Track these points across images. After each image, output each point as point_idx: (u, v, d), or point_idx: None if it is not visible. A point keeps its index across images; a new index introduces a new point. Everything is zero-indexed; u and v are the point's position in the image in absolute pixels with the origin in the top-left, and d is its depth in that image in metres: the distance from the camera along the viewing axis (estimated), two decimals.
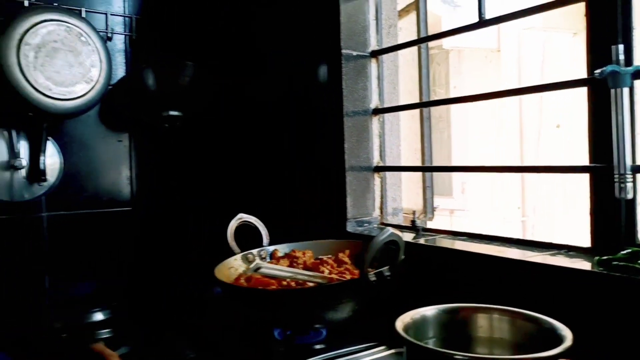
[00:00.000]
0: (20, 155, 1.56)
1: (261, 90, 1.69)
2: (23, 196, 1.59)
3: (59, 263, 1.65)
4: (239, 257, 1.21)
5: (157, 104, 1.70)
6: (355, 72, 1.32)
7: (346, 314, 1.00)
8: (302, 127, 1.49)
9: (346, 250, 1.20)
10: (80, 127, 1.69)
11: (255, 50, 1.70)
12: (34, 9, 1.49)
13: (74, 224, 1.68)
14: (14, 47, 1.42)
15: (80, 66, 1.53)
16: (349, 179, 1.31)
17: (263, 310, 0.98)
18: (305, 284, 1.04)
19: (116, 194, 1.76)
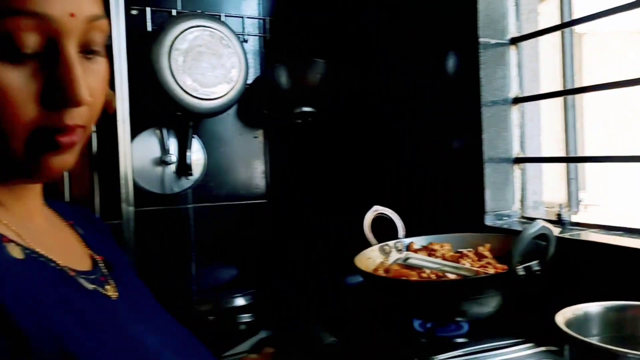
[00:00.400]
0: (170, 152, 1.71)
1: (391, 83, 1.69)
2: (172, 189, 1.74)
3: (204, 251, 1.79)
4: (376, 248, 1.23)
5: (290, 101, 1.77)
6: (494, 60, 1.28)
7: (491, 308, 0.98)
8: (434, 119, 1.47)
9: (486, 244, 1.17)
10: (220, 124, 1.81)
11: (382, 43, 1.71)
12: (182, 17, 1.61)
13: (215, 215, 1.81)
14: (166, 53, 1.56)
15: (222, 68, 1.64)
16: (488, 170, 1.28)
17: (405, 301, 0.99)
18: (445, 277, 1.04)
19: (252, 187, 1.87)
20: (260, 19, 1.84)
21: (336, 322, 1.22)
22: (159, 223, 1.73)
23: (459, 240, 1.23)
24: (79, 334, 0.49)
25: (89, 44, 0.54)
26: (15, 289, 0.46)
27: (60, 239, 0.65)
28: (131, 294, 0.65)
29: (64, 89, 0.50)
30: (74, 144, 0.53)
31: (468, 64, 1.31)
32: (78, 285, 0.56)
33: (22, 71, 0.49)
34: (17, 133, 0.50)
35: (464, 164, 1.34)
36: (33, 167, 0.53)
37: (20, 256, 0.51)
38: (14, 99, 0.49)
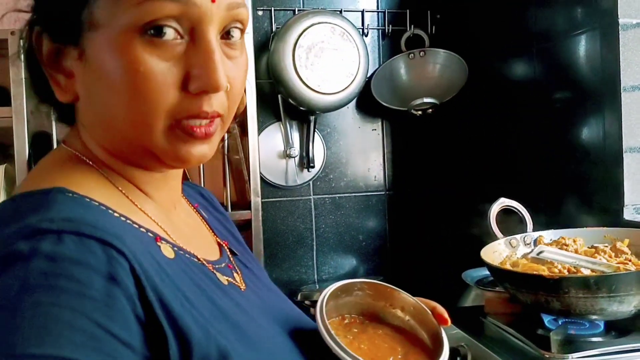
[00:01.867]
0: (293, 145, 1.79)
1: (514, 71, 1.63)
2: (295, 181, 1.82)
3: (324, 241, 1.84)
4: (502, 241, 1.20)
5: (409, 93, 1.77)
6: (635, 42, 1.18)
7: (632, 307, 0.92)
8: (566, 106, 1.39)
9: (625, 239, 1.09)
10: (340, 118, 1.86)
11: (507, 28, 1.65)
12: (304, 15, 1.67)
13: (335, 206, 1.86)
14: (290, 51, 1.62)
15: (342, 62, 1.67)
16: (627, 161, 1.19)
17: (538, 296, 0.95)
18: (579, 272, 0.99)
19: (371, 179, 1.89)
20: (380, 12, 1.85)
21: (460, 316, 1.21)
22: (283, 213, 1.82)
23: (593, 234, 1.16)
24: (227, 334, 0.49)
25: (229, 32, 0.53)
26: (173, 290, 0.47)
27: (195, 229, 0.66)
28: (254, 280, 0.66)
29: (203, 73, 0.50)
30: (210, 135, 0.53)
31: (606, 46, 1.23)
32: (217, 280, 0.57)
33: (165, 56, 0.49)
34: (159, 118, 0.50)
35: (599, 154, 1.26)
36: (171, 155, 0.52)
37: (172, 255, 0.52)
38: (158, 83, 0.49)
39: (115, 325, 0.41)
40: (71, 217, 0.45)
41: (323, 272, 1.85)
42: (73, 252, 0.42)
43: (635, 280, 0.89)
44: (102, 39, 0.50)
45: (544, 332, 1.00)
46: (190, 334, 0.44)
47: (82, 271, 0.41)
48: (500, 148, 1.71)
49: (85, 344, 0.39)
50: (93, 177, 0.54)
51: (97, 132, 0.55)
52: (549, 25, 1.44)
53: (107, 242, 0.44)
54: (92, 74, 0.51)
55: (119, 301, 0.42)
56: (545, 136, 1.48)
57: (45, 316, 0.39)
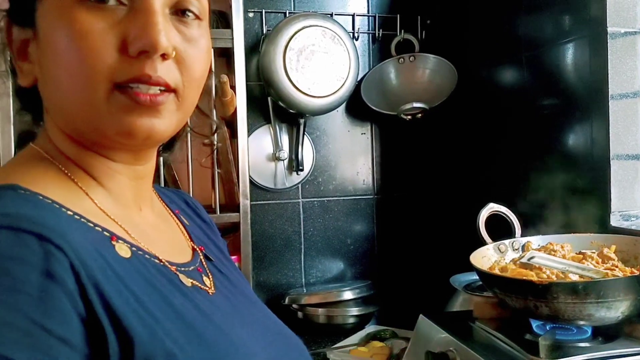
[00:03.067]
0: (282, 148, 1.78)
1: (504, 77, 1.64)
2: (284, 184, 1.81)
3: (312, 244, 1.84)
4: (491, 247, 1.20)
5: (399, 97, 1.77)
6: (623, 51, 1.20)
7: (619, 313, 0.93)
8: (554, 113, 1.41)
9: (612, 245, 1.11)
10: (329, 121, 1.85)
11: (497, 35, 1.66)
12: (295, 18, 1.67)
13: (323, 209, 1.85)
14: (281, 53, 1.62)
15: (332, 65, 1.68)
16: (614, 168, 1.20)
17: (527, 302, 0.96)
18: (567, 278, 1.00)
19: (360, 183, 1.89)
20: (370, 16, 1.85)
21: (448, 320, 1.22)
22: (271, 216, 1.81)
23: (580, 240, 1.18)
24: (178, 335, 0.48)
25: (179, 5, 0.53)
26: (122, 291, 0.46)
27: (165, 231, 0.65)
28: (227, 285, 0.65)
29: (140, 33, 0.49)
30: (157, 104, 0.51)
31: (594, 54, 1.24)
32: (178, 281, 0.56)
33: (104, 19, 0.49)
34: (98, 81, 0.49)
35: (587, 161, 1.28)
36: (115, 126, 0.51)
37: (127, 255, 0.51)
38: (95, 42, 0.48)
39: (52, 321, 0.40)
40: (10, 212, 0.44)
41: (311, 276, 1.85)
42: (7, 247, 0.41)
43: (623, 287, 0.89)
44: (46, 9, 0.51)
45: (532, 337, 1.01)
46: (133, 333, 0.44)
47: (16, 266, 0.41)
48: (489, 153, 1.72)
49: (20, 340, 0.38)
50: (52, 174, 0.53)
51: (57, 116, 0.55)
52: (538, 32, 1.46)
53: (44, 236, 0.43)
54: (43, 50, 0.52)
55: (56, 297, 0.41)
56: (533, 142, 1.49)
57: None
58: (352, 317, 1.63)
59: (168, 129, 0.54)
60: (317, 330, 1.63)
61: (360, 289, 1.68)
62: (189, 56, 0.53)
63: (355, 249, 1.88)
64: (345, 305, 1.64)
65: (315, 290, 1.75)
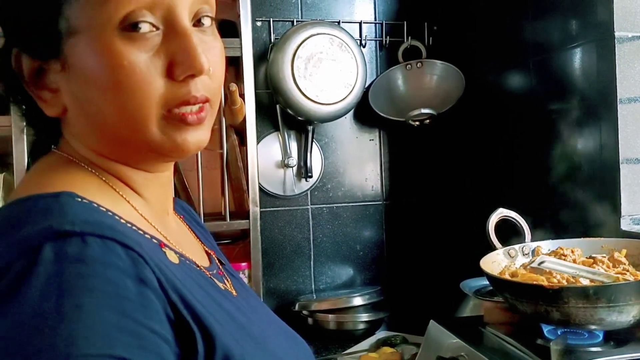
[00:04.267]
0: (291, 155, 1.79)
1: (511, 82, 1.65)
2: (293, 191, 1.82)
3: (322, 250, 1.85)
4: (501, 252, 1.20)
5: (407, 103, 1.78)
6: (631, 55, 1.20)
7: (631, 317, 0.93)
8: (562, 118, 1.41)
9: (623, 249, 1.11)
10: (338, 128, 1.86)
11: (504, 40, 1.67)
12: (303, 26, 1.68)
13: (332, 216, 1.86)
14: (289, 61, 1.63)
15: (340, 73, 1.69)
16: (624, 172, 1.20)
17: (538, 306, 0.96)
18: (577, 282, 0.99)
19: (368, 189, 1.90)
20: (377, 23, 1.86)
21: (459, 325, 1.22)
22: (281, 223, 1.82)
23: (590, 245, 1.17)
24: (236, 334, 0.51)
25: (198, 15, 0.55)
26: (188, 292, 0.48)
27: (186, 237, 0.67)
28: (242, 289, 0.67)
29: (185, 58, 0.51)
30: (202, 120, 0.54)
31: (602, 58, 1.25)
32: (216, 285, 0.58)
33: (145, 48, 0.50)
34: (150, 109, 0.51)
35: (597, 165, 1.28)
36: (169, 145, 0.53)
37: (177, 261, 0.53)
38: (143, 74, 0.50)
39: (155, 323, 0.42)
40: (90, 220, 0.45)
41: (320, 282, 1.85)
42: (99, 254, 0.42)
43: (634, 291, 0.89)
44: (82, 44, 0.50)
45: (544, 342, 1.00)
46: (213, 331, 0.46)
47: (113, 272, 0.42)
48: (497, 159, 1.72)
49: (133, 343, 0.40)
50: (94, 182, 0.54)
51: (90, 140, 0.55)
52: (545, 37, 1.46)
53: (128, 245, 0.44)
54: (79, 81, 0.52)
55: (152, 301, 0.43)
56: (542, 147, 1.49)
57: (91, 318, 0.39)
58: (362, 323, 1.63)
59: (209, 135, 0.57)
60: (327, 336, 1.63)
61: (370, 294, 1.69)
62: (214, 64, 0.55)
63: (365, 255, 1.88)
64: (355, 311, 1.64)
65: (325, 296, 1.75)
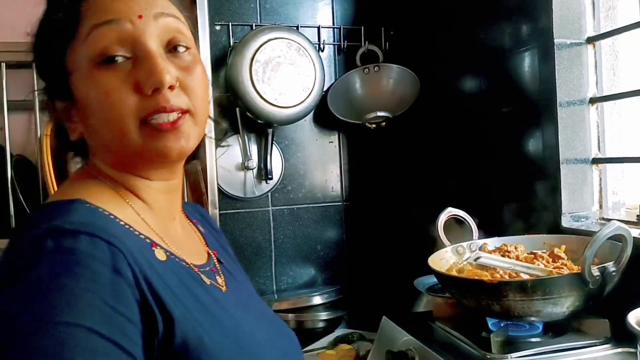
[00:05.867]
0: (251, 158, 1.81)
1: (463, 85, 1.71)
2: (254, 193, 1.84)
3: (282, 251, 1.87)
4: (449, 249, 1.25)
5: (364, 106, 1.82)
6: (570, 60, 1.27)
7: (565, 308, 0.98)
8: (510, 120, 1.47)
9: (562, 245, 1.16)
10: (298, 130, 1.90)
11: (457, 45, 1.72)
12: (261, 30, 1.71)
13: (293, 217, 1.89)
14: (248, 65, 1.66)
15: (298, 77, 1.72)
16: (564, 172, 1.27)
17: (480, 300, 1.01)
18: (519, 277, 1.05)
19: (328, 190, 1.93)
20: (335, 28, 1.90)
21: (410, 321, 1.26)
22: (241, 225, 1.84)
23: (533, 241, 1.23)
24: (203, 321, 0.60)
25: (172, 43, 0.65)
26: (163, 284, 0.58)
27: (188, 238, 0.77)
28: (236, 284, 0.77)
29: (148, 74, 0.61)
30: (178, 127, 0.63)
31: (544, 64, 1.31)
32: (200, 280, 0.67)
33: (119, 75, 0.61)
34: (127, 121, 0.61)
35: (540, 165, 1.34)
36: (151, 151, 0.63)
37: (164, 258, 0.63)
38: (117, 93, 0.61)
39: (121, 305, 0.52)
40: (85, 221, 0.56)
41: (282, 283, 1.88)
42: (87, 248, 0.53)
43: (567, 283, 0.95)
44: (77, 81, 0.64)
45: (487, 335, 1.05)
46: (173, 315, 0.56)
47: (94, 263, 0.53)
48: (449, 160, 1.78)
49: (100, 318, 0.50)
50: (106, 191, 0.66)
51: (102, 154, 0.68)
52: (496, 42, 1.52)
53: (110, 242, 0.55)
54: (81, 111, 0.65)
55: (122, 287, 0.53)
56: (492, 148, 1.55)
57: (70, 295, 0.50)
58: (321, 321, 1.67)
59: (193, 143, 0.66)
60: None
61: (329, 293, 1.72)
62: (190, 81, 0.65)
63: (325, 255, 1.92)
64: (315, 310, 1.68)
65: (286, 296, 1.78)
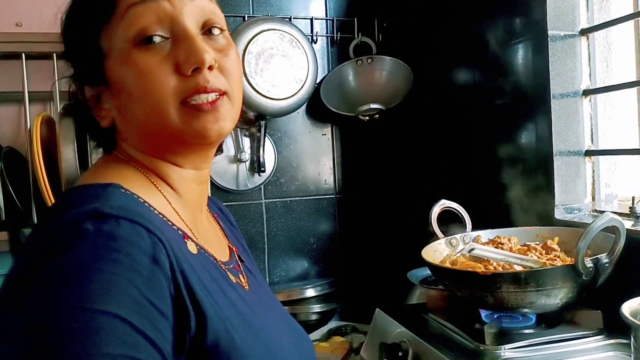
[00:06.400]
0: (244, 150, 1.80)
1: (456, 78, 1.70)
2: (247, 185, 1.83)
3: (275, 244, 1.87)
4: (442, 241, 1.25)
5: (357, 99, 1.81)
6: (563, 52, 1.27)
7: (558, 300, 0.99)
8: (503, 112, 1.47)
9: (555, 237, 1.17)
10: (290, 123, 1.89)
11: (450, 37, 1.72)
12: (254, 22, 1.69)
13: (286, 210, 1.88)
14: (240, 57, 1.64)
15: (291, 68, 1.71)
16: (557, 164, 1.27)
17: (473, 292, 1.01)
18: (512, 269, 1.05)
19: (321, 183, 1.93)
20: (328, 20, 1.89)
21: (403, 313, 1.26)
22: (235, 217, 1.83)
23: (526, 233, 1.24)
24: (234, 320, 0.59)
25: (207, 25, 0.65)
26: (195, 278, 0.56)
27: (212, 233, 0.76)
28: (256, 284, 0.76)
29: (188, 54, 0.61)
30: (217, 107, 0.62)
31: (537, 56, 1.31)
32: (227, 277, 0.67)
33: (158, 54, 0.61)
34: (167, 102, 0.61)
35: (533, 157, 1.34)
36: (190, 132, 0.62)
37: (195, 252, 0.62)
38: (156, 74, 0.60)
39: (156, 298, 0.51)
40: (126, 207, 0.54)
41: (275, 275, 1.88)
42: (128, 234, 0.52)
43: (560, 275, 0.95)
44: (113, 63, 0.62)
45: (480, 326, 1.05)
46: (206, 312, 0.54)
47: (134, 250, 0.51)
48: (443, 152, 1.78)
49: (134, 308, 0.49)
50: (139, 178, 0.64)
51: (134, 141, 0.66)
52: (490, 34, 1.51)
53: (151, 230, 0.53)
54: (117, 94, 0.63)
55: (159, 279, 0.52)
56: (486, 140, 1.55)
57: (107, 281, 0.49)
58: (314, 313, 1.67)
59: (231, 124, 0.65)
60: None
61: (322, 286, 1.72)
62: (226, 63, 0.64)
63: (319, 248, 1.91)
64: (308, 303, 1.68)
65: (278, 288, 1.77)
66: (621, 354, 0.94)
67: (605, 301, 0.99)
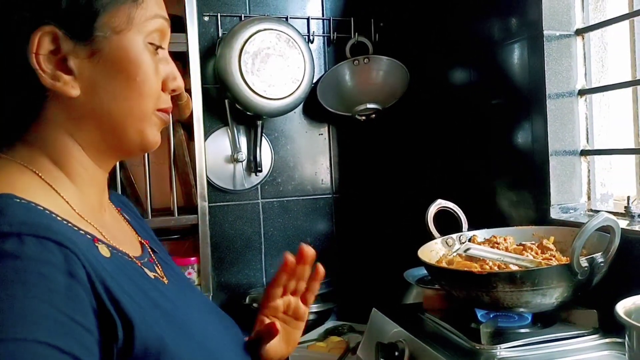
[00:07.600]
0: (240, 150, 1.80)
1: (453, 78, 1.71)
2: (243, 185, 1.83)
3: (272, 244, 1.87)
4: (439, 241, 1.26)
5: (353, 98, 1.82)
6: (559, 52, 1.27)
7: (554, 299, 0.99)
8: (499, 112, 1.47)
9: (551, 236, 1.17)
10: (287, 122, 1.89)
11: (447, 37, 1.72)
12: (250, 22, 1.69)
13: (283, 209, 1.88)
14: (236, 57, 1.64)
15: (288, 68, 1.71)
16: (553, 163, 1.27)
17: (470, 292, 1.01)
18: (508, 268, 1.05)
19: (318, 182, 1.93)
20: (325, 20, 1.89)
21: (400, 313, 1.26)
22: (230, 217, 1.83)
23: (522, 233, 1.24)
24: (159, 319, 0.56)
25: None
26: (115, 284, 0.53)
27: (120, 229, 0.71)
28: (174, 275, 0.73)
29: (175, 76, 0.67)
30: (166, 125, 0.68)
31: (533, 56, 1.31)
32: (145, 274, 0.63)
33: (154, 62, 0.64)
34: (149, 106, 0.64)
35: (529, 157, 1.34)
36: (150, 139, 0.65)
37: (108, 255, 0.57)
38: (152, 78, 0.63)
39: (78, 314, 0.48)
40: (26, 220, 0.50)
41: (272, 275, 1.85)
42: (35, 252, 0.48)
43: (556, 274, 0.95)
44: (122, 41, 0.60)
45: (476, 326, 1.05)
46: (132, 320, 0.52)
47: (46, 268, 0.47)
48: (439, 151, 1.78)
49: (58, 330, 0.46)
50: (31, 179, 0.57)
51: (87, 124, 0.61)
52: (486, 34, 1.52)
53: (61, 243, 0.49)
54: (106, 70, 0.60)
55: (79, 294, 0.49)
56: (482, 140, 1.55)
57: (22, 307, 0.45)
58: (311, 313, 1.66)
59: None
60: None
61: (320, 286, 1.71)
62: None
63: (315, 248, 1.85)
64: None
65: None
66: (616, 352, 0.94)
67: (600, 300, 0.99)
